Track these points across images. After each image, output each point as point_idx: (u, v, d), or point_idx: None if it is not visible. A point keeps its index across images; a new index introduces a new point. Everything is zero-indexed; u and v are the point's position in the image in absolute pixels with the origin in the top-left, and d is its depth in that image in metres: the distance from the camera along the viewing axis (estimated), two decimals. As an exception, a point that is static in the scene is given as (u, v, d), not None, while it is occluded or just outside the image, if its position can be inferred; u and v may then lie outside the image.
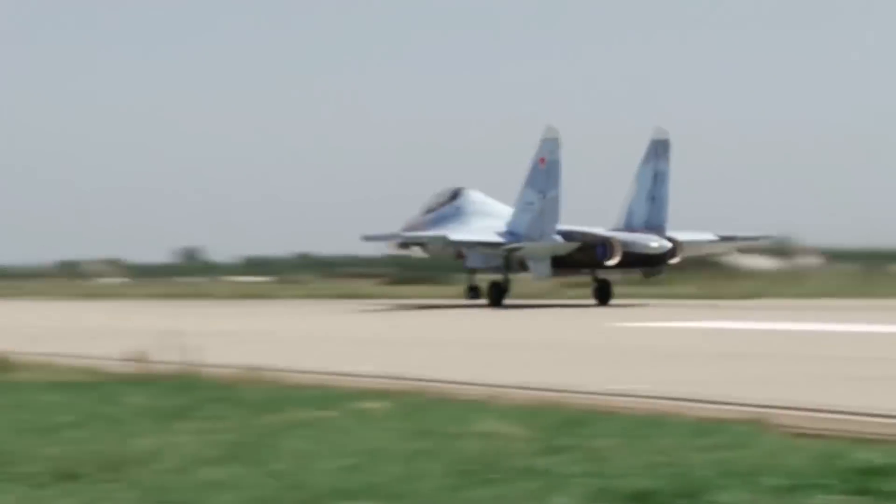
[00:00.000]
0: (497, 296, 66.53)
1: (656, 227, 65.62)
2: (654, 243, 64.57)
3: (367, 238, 74.21)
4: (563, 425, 17.34)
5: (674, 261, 65.72)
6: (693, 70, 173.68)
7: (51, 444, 16.30)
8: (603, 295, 67.61)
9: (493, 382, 23.57)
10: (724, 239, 68.98)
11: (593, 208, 68.25)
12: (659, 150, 66.74)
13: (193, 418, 19.18)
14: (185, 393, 22.36)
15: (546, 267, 65.11)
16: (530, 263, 65.76)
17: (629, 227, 65.95)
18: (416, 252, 71.69)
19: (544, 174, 64.67)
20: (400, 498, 13.13)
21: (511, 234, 65.88)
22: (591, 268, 66.74)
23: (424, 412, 19.45)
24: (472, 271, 69.58)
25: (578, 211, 67.09)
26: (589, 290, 69.47)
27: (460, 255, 69.29)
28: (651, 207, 65.83)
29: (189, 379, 24.39)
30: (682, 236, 66.88)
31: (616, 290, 69.66)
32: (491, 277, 68.17)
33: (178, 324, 26.42)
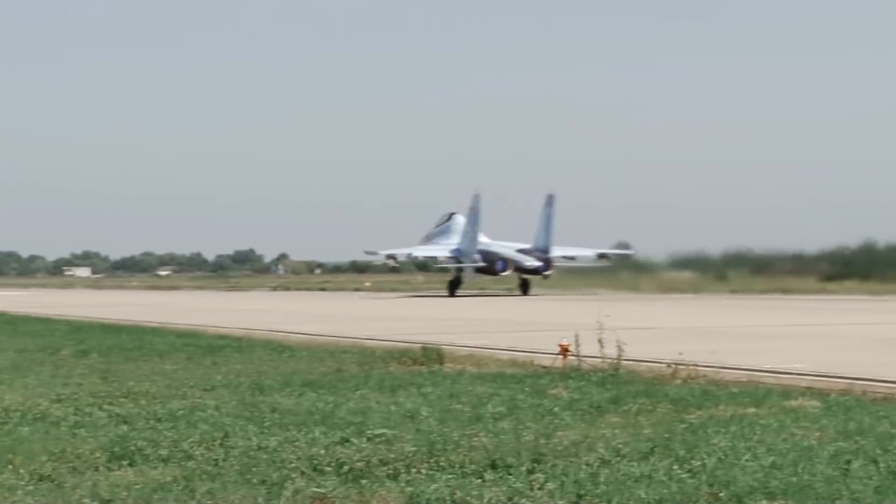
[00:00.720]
0: (452, 289, 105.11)
1: (545, 249, 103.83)
2: (528, 263, 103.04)
3: (367, 252, 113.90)
4: None
5: (548, 272, 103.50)
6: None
7: (480, 434, 16.71)
8: (525, 288, 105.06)
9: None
10: (600, 256, 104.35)
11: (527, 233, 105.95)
12: (550, 201, 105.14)
13: (618, 412, 19.28)
14: (610, 387, 22.50)
15: (471, 273, 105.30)
16: (464, 270, 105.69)
17: (536, 247, 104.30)
18: (391, 262, 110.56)
19: (473, 217, 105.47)
20: (825, 499, 12.77)
21: (458, 251, 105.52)
22: (496, 275, 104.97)
23: (855, 411, 18.87)
24: (454, 272, 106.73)
25: (519, 234, 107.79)
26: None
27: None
28: (545, 236, 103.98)
29: (614, 373, 24.52)
30: (567, 252, 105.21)
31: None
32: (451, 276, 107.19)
33: (602, 318, 26.56)
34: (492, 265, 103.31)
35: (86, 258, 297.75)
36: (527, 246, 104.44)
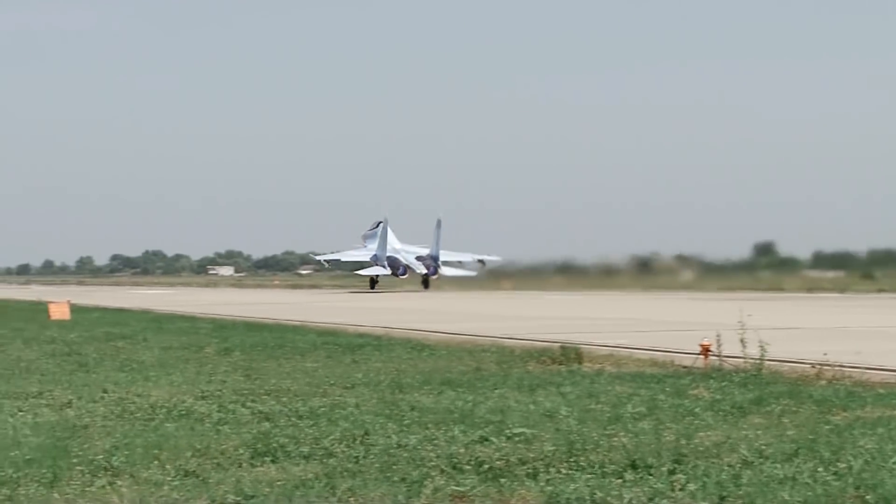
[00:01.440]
0: (372, 285, 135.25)
1: (436, 257, 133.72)
2: (420, 270, 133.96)
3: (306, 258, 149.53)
4: None
5: (434, 277, 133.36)
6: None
7: (619, 434, 16.61)
8: (426, 285, 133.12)
9: None
10: (479, 261, 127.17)
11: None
12: (439, 223, 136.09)
13: (761, 413, 19.02)
14: (753, 387, 22.21)
15: (385, 275, 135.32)
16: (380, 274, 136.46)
17: (430, 255, 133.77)
18: (325, 265, 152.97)
19: (384, 233, 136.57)
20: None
21: (376, 256, 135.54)
22: (398, 277, 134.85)
23: None
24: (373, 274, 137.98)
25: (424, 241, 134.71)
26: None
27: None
28: (436, 248, 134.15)
29: (756, 373, 24.20)
30: (453, 257, 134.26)
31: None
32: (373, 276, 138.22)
33: (744, 317, 26.23)
34: (395, 270, 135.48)
35: (229, 257, 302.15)
36: (424, 252, 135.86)
